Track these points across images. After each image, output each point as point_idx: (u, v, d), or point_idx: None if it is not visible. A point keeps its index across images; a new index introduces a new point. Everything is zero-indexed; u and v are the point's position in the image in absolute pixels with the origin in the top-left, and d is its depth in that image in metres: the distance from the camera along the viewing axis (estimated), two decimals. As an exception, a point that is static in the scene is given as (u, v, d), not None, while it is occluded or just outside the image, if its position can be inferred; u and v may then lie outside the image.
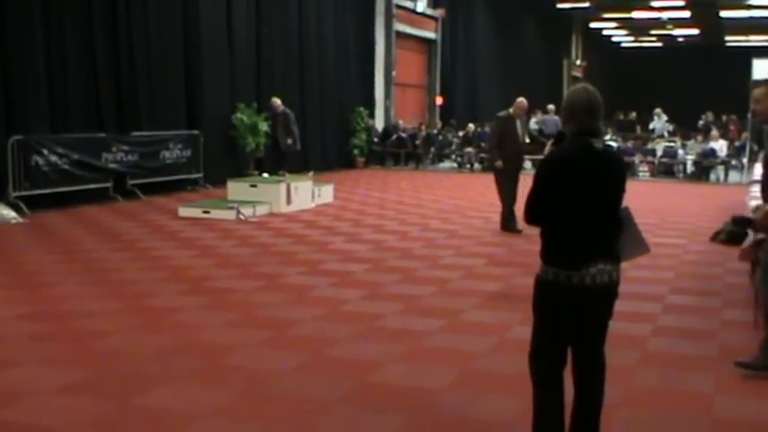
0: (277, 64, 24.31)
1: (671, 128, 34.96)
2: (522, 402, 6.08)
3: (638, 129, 38.95)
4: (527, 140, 15.21)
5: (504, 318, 8.61)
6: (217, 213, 15.59)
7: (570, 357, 4.85)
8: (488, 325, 8.34)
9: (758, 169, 20.21)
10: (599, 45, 58.91)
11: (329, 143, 27.61)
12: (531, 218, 4.66)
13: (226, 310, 8.77)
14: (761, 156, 26.01)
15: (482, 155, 28.91)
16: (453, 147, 30.79)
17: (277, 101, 20.79)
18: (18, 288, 9.52)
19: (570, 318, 4.63)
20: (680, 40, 56.64)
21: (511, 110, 15.05)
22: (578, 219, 4.53)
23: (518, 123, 14.81)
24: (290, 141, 20.26)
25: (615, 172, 4.69)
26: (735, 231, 7.21)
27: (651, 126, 36.41)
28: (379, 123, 30.95)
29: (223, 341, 7.58)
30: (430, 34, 34.74)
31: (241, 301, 9.15)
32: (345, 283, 10.16)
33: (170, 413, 5.81)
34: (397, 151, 30.18)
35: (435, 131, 31.62)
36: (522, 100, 15.21)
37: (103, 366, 6.79)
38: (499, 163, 14.77)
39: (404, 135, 30.06)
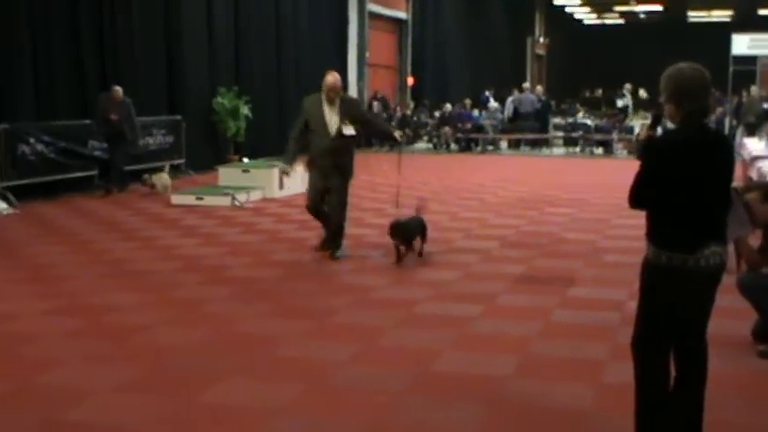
0: (255, 47, 24.04)
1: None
2: (591, 389, 6.04)
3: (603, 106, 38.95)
4: (348, 132, 10.26)
5: (541, 301, 8.51)
6: (211, 200, 15.35)
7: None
8: (528, 309, 8.24)
9: (755, 144, 20.36)
10: (562, 22, 58.88)
11: (305, 126, 27.35)
12: (637, 202, 4.54)
13: (256, 300, 8.60)
14: (740, 130, 26.30)
15: (458, 135, 28.88)
16: (429, 128, 30.63)
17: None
18: (36, 282, 9.27)
19: (683, 301, 4.52)
20: (642, 16, 56.87)
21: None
22: (693, 201, 4.43)
23: (325, 109, 10.19)
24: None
25: (727, 152, 4.60)
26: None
27: (620, 103, 36.49)
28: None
29: (265, 332, 7.42)
30: (401, 14, 34.55)
31: (268, 290, 8.98)
32: (366, 270, 10.02)
33: (241, 410, 5.64)
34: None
35: (409, 112, 31.47)
36: (332, 77, 10.37)
37: (153, 362, 6.60)
38: (290, 168, 10.93)
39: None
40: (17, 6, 16.02)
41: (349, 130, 10.30)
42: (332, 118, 10.29)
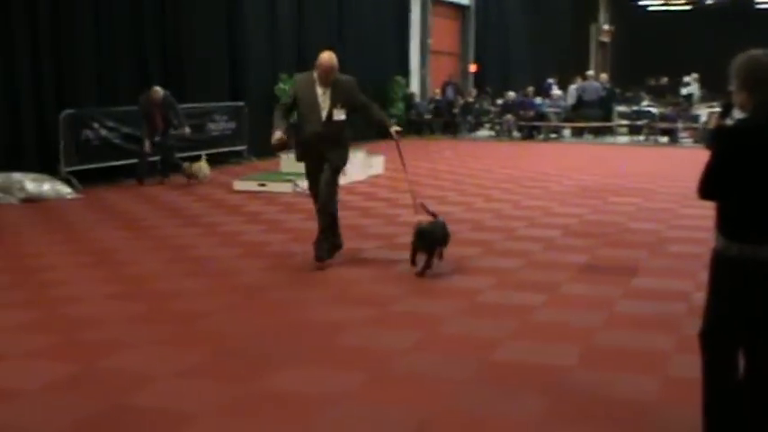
0: (317, 34, 24.07)
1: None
2: (656, 381, 5.97)
3: (668, 95, 38.47)
4: (338, 117, 9.31)
5: (605, 291, 8.44)
6: (273, 186, 15.41)
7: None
8: (591, 299, 8.16)
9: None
10: (626, 9, 58.23)
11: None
12: (706, 192, 4.46)
13: (320, 287, 8.63)
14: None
15: (521, 123, 28.72)
16: (491, 115, 30.47)
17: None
18: (101, 267, 9.39)
19: (753, 293, 4.44)
20: (709, 2, 56.02)
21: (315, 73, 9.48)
22: (765, 191, 4.34)
23: (318, 91, 9.33)
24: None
25: None
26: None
27: (685, 92, 36.05)
28: (415, 92, 30.71)
29: (328, 320, 7.43)
30: (464, 0, 34.40)
31: (331, 278, 9.01)
32: (428, 257, 9.98)
33: (303, 397, 5.66)
34: (434, 120, 29.99)
35: (471, 99, 31.33)
36: (328, 55, 9.46)
37: (216, 348, 6.64)
38: (279, 136, 9.39)
39: (440, 99, 30.03)
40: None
41: (340, 115, 9.40)
42: (324, 101, 9.36)
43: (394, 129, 9.84)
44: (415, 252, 9.13)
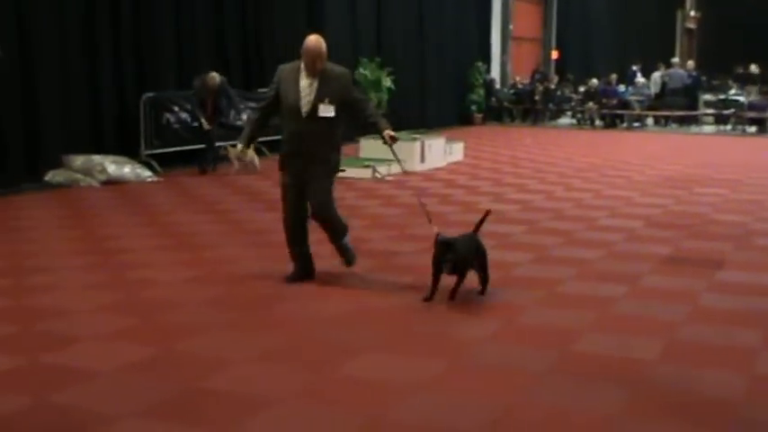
0: (397, 18, 24.06)
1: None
2: (742, 379, 5.83)
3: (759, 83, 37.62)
4: (324, 114, 7.68)
5: (688, 284, 8.29)
6: (352, 172, 15.41)
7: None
8: (674, 292, 8.03)
9: None
10: (714, -5, 57.26)
11: (445, 99, 27.29)
12: None
13: (395, 273, 8.62)
14: None
15: (604, 111, 28.38)
16: (573, 103, 30.15)
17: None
18: (179, 250, 9.50)
19: None
20: (801, -12, 54.78)
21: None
22: None
23: (303, 83, 7.73)
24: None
25: None
26: None
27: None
28: (496, 78, 30.55)
29: (405, 307, 7.41)
30: (547, -15, 34.16)
31: (408, 265, 8.98)
32: (508, 246, 9.92)
33: (380, 383, 5.65)
34: (515, 107, 29.80)
35: (553, 86, 31.05)
36: (315, 39, 7.93)
37: (293, 333, 6.66)
38: (242, 148, 8.66)
39: (520, 87, 29.81)
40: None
41: (327, 112, 7.79)
42: (309, 94, 7.82)
43: (388, 133, 8.04)
44: (439, 272, 7.51)
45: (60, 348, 6.29)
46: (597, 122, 28.65)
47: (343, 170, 7.92)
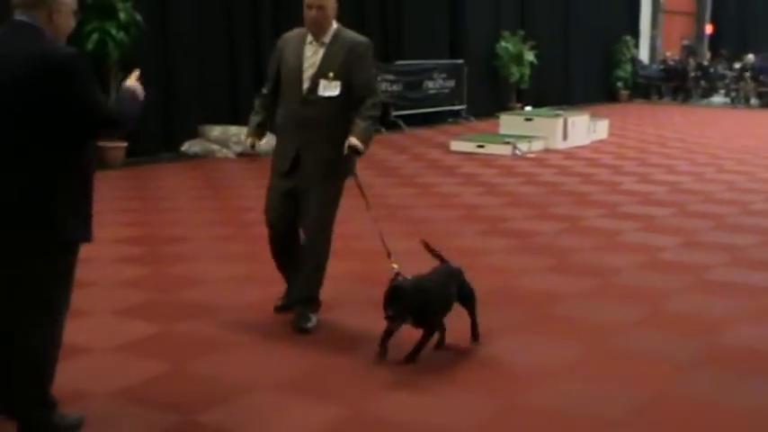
0: (543, -11, 23.89)
1: None
2: None
3: None
4: (327, 93, 6.00)
5: None
6: (492, 148, 15.39)
7: None
8: None
9: None
10: None
11: (590, 75, 26.94)
12: None
13: (536, 254, 8.58)
14: None
15: (761, 89, 27.61)
16: (727, 80, 29.39)
17: None
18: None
19: None
20: None
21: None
22: None
23: (307, 52, 6.12)
24: None
25: None
26: None
27: None
28: (644, 54, 30.02)
29: (543, 288, 7.40)
30: (702, -45, 33.35)
31: (549, 245, 8.94)
32: (653, 228, 9.78)
33: (517, 366, 5.67)
34: (663, 84, 29.23)
35: (706, 63, 30.35)
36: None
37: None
38: (250, 141, 6.63)
39: (671, 63, 29.22)
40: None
41: (330, 90, 6.09)
42: (312, 66, 6.15)
43: (351, 141, 6.01)
44: (390, 326, 5.70)
45: (197, 317, 6.48)
46: (753, 101, 27.87)
47: (355, 176, 6.13)
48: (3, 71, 4.15)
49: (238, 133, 14.59)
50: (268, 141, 7.98)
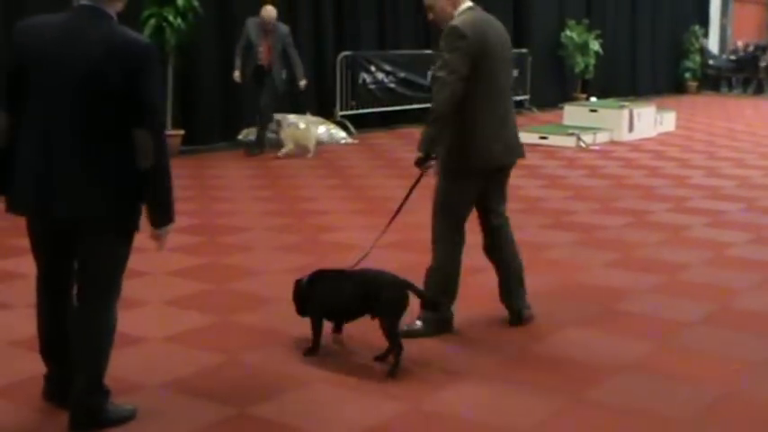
0: (608, -23, 23.66)
1: None
2: None
3: None
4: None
5: None
6: (555, 140, 15.26)
7: None
8: None
9: None
10: None
11: (658, 65, 26.63)
12: None
13: (600, 248, 8.48)
14: None
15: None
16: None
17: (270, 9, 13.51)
18: (374, 214, 9.54)
19: None
20: None
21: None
22: None
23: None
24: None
25: None
26: None
27: None
28: (714, 44, 29.62)
29: (608, 283, 7.30)
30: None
31: (614, 239, 8.83)
32: (722, 224, 9.62)
33: (580, 362, 5.59)
34: (734, 76, 28.83)
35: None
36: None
37: (493, 306, 6.64)
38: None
39: (742, 53, 28.81)
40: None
41: None
42: None
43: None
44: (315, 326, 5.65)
45: (252, 309, 6.48)
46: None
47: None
48: (79, 55, 4.17)
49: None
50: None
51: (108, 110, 4.19)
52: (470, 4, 6.03)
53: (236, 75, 13.22)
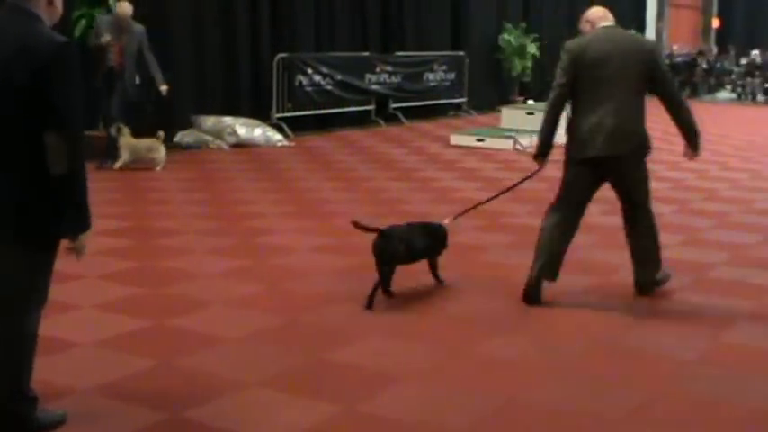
0: (547, -19, 23.89)
1: None
2: None
3: None
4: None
5: None
6: (492, 142, 15.39)
7: None
8: None
9: None
10: None
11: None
12: None
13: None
14: None
15: (767, 85, 27.61)
16: (733, 76, 29.37)
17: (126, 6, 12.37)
18: (309, 217, 9.65)
19: None
20: None
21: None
22: None
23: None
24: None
25: None
26: None
27: None
28: (649, 47, 29.97)
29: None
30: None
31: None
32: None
33: (515, 365, 5.66)
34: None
35: (713, 58, 30.35)
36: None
37: (429, 309, 6.69)
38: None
39: (678, 60, 29.15)
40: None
41: None
42: None
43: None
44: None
45: (186, 313, 6.47)
46: (759, 98, 27.88)
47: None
48: None
49: (232, 124, 14.62)
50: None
51: (16, 109, 4.15)
52: (607, 23, 7.25)
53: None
